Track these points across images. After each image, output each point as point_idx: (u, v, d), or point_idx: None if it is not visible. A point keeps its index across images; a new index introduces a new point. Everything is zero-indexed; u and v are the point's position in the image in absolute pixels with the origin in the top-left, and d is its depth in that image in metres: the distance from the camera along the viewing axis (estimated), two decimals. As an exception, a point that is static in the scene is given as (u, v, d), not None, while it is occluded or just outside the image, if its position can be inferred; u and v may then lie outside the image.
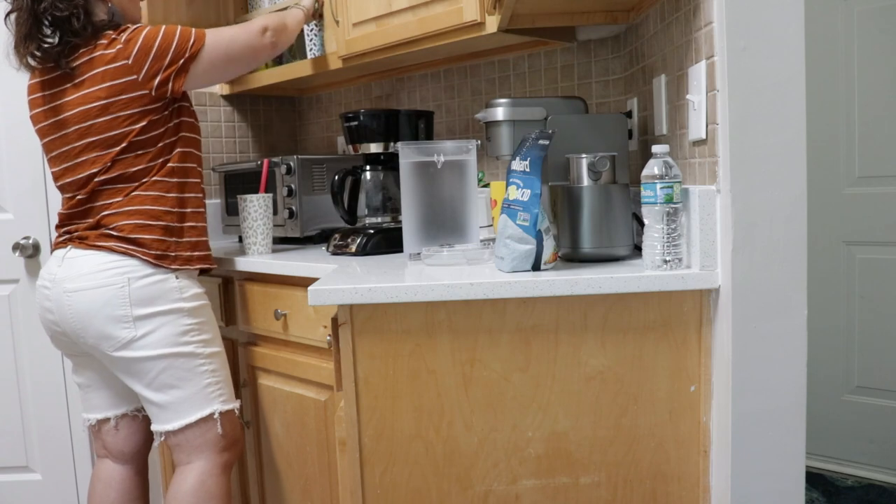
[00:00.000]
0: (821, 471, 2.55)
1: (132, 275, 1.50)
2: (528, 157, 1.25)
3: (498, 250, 1.28)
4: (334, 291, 1.19)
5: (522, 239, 1.24)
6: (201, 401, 1.56)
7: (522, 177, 1.25)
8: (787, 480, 1.17)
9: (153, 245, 1.53)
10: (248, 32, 1.66)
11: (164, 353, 1.52)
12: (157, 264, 1.53)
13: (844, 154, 2.48)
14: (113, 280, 1.49)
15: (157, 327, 1.51)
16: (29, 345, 2.14)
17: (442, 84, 2.25)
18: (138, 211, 1.54)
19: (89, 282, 1.50)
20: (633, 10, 1.61)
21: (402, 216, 1.53)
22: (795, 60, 1.11)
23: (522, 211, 1.24)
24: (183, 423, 1.55)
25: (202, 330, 1.57)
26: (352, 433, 1.23)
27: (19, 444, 2.17)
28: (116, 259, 1.51)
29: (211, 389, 1.57)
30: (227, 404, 1.60)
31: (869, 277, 2.47)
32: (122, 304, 1.49)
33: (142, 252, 1.52)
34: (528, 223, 1.23)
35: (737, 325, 1.14)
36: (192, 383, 1.55)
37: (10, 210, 2.12)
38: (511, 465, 1.23)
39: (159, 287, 1.52)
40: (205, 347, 1.57)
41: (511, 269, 1.25)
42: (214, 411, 1.57)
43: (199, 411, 1.56)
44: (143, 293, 1.50)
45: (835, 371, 2.55)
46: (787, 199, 1.12)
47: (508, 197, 1.27)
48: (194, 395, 1.55)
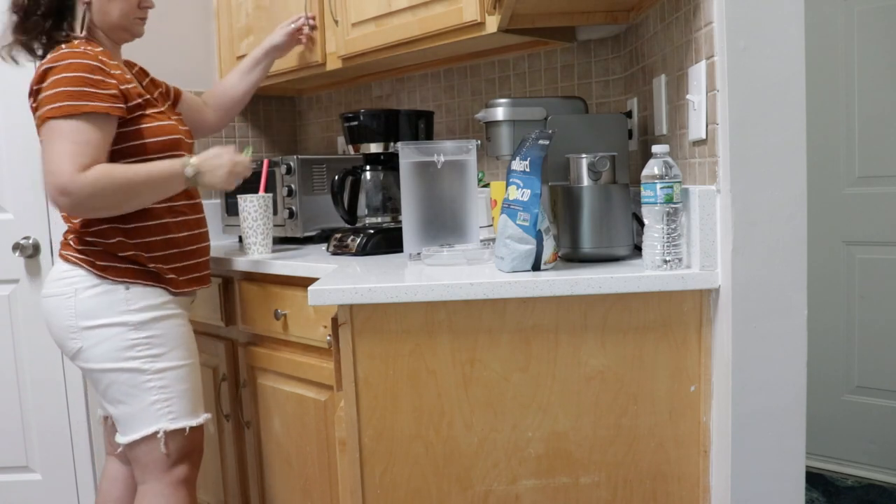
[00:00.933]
0: (821, 471, 2.55)
1: (79, 285, 1.48)
2: (528, 157, 1.25)
3: (498, 250, 1.28)
4: (334, 291, 1.19)
5: (522, 239, 1.24)
6: (146, 418, 1.49)
7: (522, 177, 1.25)
8: (787, 480, 1.17)
9: (99, 256, 1.49)
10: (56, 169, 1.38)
11: (107, 368, 1.48)
12: (101, 275, 1.48)
13: (844, 154, 2.48)
14: (63, 290, 1.49)
15: (100, 340, 1.47)
16: (29, 345, 2.14)
17: (442, 84, 2.25)
18: (93, 220, 1.50)
19: (49, 289, 1.52)
20: (633, 10, 1.61)
21: (402, 216, 1.53)
22: (795, 60, 1.11)
23: (522, 211, 1.24)
24: (129, 438, 1.50)
25: (152, 344, 1.49)
26: (352, 433, 1.23)
27: (19, 444, 2.17)
28: (68, 269, 1.50)
29: (158, 407, 1.49)
30: (175, 422, 1.50)
31: (869, 277, 2.47)
32: (70, 315, 1.48)
33: (88, 263, 1.49)
34: (528, 223, 1.23)
35: (737, 325, 1.14)
36: (138, 399, 1.48)
37: (10, 210, 2.12)
38: (511, 465, 1.23)
39: (104, 299, 1.48)
40: (153, 362, 1.49)
41: (511, 269, 1.25)
42: (159, 430, 1.49)
43: (144, 428, 1.49)
44: (87, 304, 1.47)
45: (835, 371, 2.55)
46: (787, 199, 1.12)
47: (508, 197, 1.27)
48: (140, 411, 1.49)
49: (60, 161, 1.38)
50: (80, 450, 2.17)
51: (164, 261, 1.54)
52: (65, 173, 1.37)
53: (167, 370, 1.50)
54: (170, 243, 1.55)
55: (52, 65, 1.42)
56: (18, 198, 2.12)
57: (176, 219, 1.56)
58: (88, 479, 2.17)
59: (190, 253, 1.59)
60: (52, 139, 1.40)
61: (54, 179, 1.37)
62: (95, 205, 1.42)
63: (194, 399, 1.55)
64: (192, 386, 1.56)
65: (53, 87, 1.40)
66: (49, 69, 1.42)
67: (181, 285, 1.57)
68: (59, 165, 1.38)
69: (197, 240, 1.62)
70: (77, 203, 1.39)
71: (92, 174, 1.39)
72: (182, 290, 1.57)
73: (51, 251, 2.11)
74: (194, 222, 1.62)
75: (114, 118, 1.45)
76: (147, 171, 1.46)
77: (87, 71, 1.42)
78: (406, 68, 2.28)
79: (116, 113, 1.45)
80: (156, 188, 1.49)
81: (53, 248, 2.10)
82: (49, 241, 2.11)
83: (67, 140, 1.39)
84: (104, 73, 1.45)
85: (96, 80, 1.43)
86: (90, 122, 1.41)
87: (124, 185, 1.43)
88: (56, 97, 1.39)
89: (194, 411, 1.55)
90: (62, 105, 1.39)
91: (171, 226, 1.55)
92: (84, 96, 1.40)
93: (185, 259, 1.58)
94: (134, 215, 1.50)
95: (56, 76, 1.41)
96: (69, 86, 1.40)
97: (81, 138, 1.40)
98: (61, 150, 1.38)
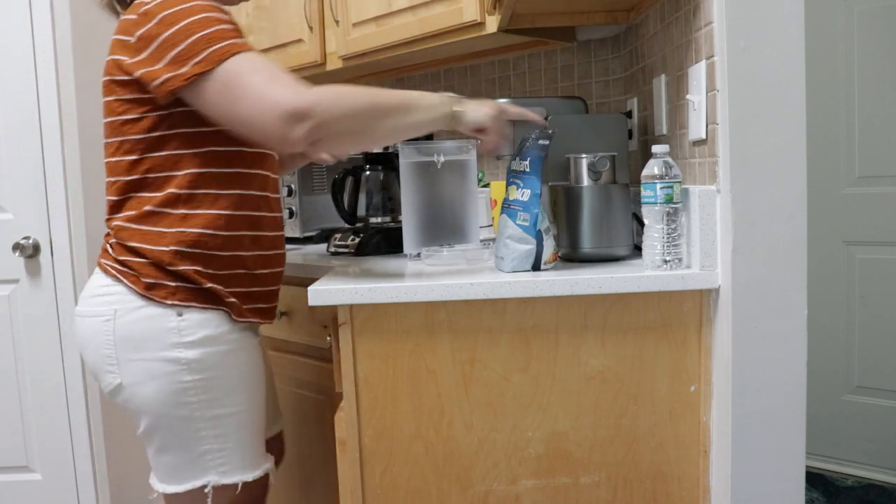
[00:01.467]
0: (821, 471, 2.55)
1: (119, 306, 1.18)
2: (528, 157, 1.25)
3: (498, 250, 1.29)
4: (334, 291, 1.19)
5: (522, 239, 1.24)
6: (193, 469, 1.22)
7: (522, 177, 1.25)
8: (787, 480, 1.17)
9: (144, 268, 1.18)
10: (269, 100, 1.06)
11: (151, 412, 1.19)
12: (146, 295, 1.17)
13: (844, 154, 2.48)
14: (99, 310, 1.20)
15: (144, 379, 1.17)
16: (29, 345, 2.14)
17: (442, 84, 2.25)
18: (143, 215, 1.21)
19: (83, 307, 1.24)
20: (633, 10, 1.61)
21: (402, 216, 1.53)
22: (795, 60, 1.11)
23: (522, 211, 1.24)
24: (170, 489, 1.24)
25: (208, 387, 1.19)
26: (352, 433, 1.23)
27: (19, 444, 2.17)
28: (107, 284, 1.20)
29: (209, 458, 1.21)
30: (226, 476, 1.22)
31: (869, 277, 2.47)
32: (107, 342, 1.18)
33: (131, 277, 1.19)
34: (528, 223, 1.23)
35: (737, 325, 1.14)
36: (185, 449, 1.21)
37: (10, 210, 2.12)
38: (511, 465, 1.23)
39: (150, 326, 1.17)
40: (208, 408, 1.19)
41: (511, 269, 1.25)
42: (207, 484, 1.22)
43: (189, 481, 1.22)
44: (129, 331, 1.17)
45: (835, 371, 2.55)
46: (787, 199, 1.12)
47: (508, 197, 1.27)
48: (185, 462, 1.22)
49: (267, 91, 1.06)
50: (80, 450, 2.17)
51: (225, 281, 1.22)
52: (285, 94, 1.05)
53: (224, 417, 1.22)
54: (238, 261, 1.23)
55: (166, 10, 1.10)
56: (18, 198, 2.12)
57: (252, 232, 1.25)
58: (88, 479, 2.17)
59: (259, 278, 1.28)
60: (227, 94, 1.08)
61: (276, 111, 1.05)
62: (340, 123, 1.09)
63: (253, 449, 1.27)
64: (252, 433, 1.26)
65: (184, 36, 1.08)
66: (160, 15, 1.10)
67: (243, 313, 1.25)
68: (273, 92, 1.06)
69: (269, 262, 1.30)
70: (320, 124, 1.06)
71: (326, 86, 1.09)
72: (245, 319, 1.25)
73: (51, 251, 2.11)
74: (270, 241, 1.30)
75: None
76: (404, 92, 1.19)
77: (213, 10, 1.12)
78: (406, 68, 2.28)
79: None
80: (411, 112, 1.17)
81: (53, 248, 2.10)
82: (49, 241, 2.11)
83: (250, 74, 1.07)
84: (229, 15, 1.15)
85: (230, 20, 1.13)
86: (250, 54, 1.10)
87: (372, 97, 1.13)
88: (195, 46, 1.08)
89: (252, 463, 1.26)
90: (208, 53, 1.08)
91: (244, 241, 1.24)
92: (229, 33, 1.10)
93: (252, 284, 1.26)
94: (198, 219, 1.19)
95: (179, 23, 1.09)
96: (204, 28, 1.09)
97: (264, 64, 1.09)
98: (254, 87, 1.06)
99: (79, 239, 2.10)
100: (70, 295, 2.10)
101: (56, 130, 2.07)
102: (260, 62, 1.09)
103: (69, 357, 2.12)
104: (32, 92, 2.06)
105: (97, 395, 2.13)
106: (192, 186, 1.19)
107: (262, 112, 1.06)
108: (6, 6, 2.04)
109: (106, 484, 2.16)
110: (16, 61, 2.04)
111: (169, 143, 1.17)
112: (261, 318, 1.30)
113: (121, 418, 2.17)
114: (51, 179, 2.09)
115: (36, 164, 2.10)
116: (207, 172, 1.19)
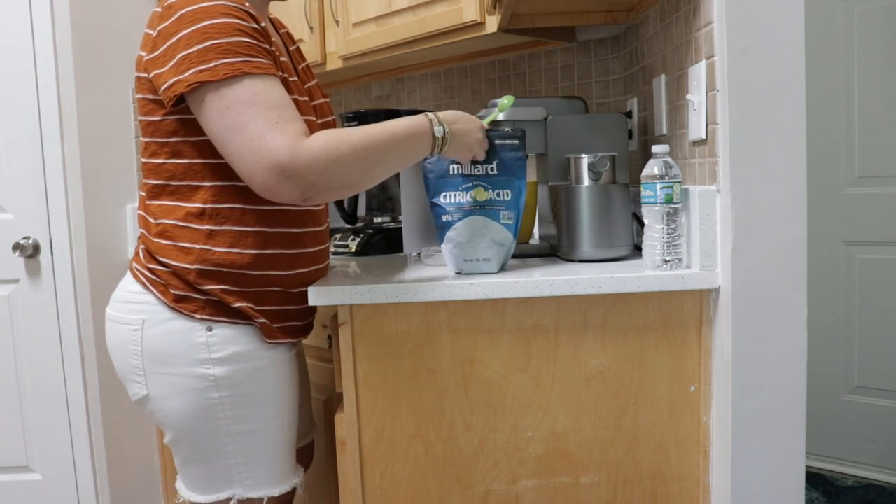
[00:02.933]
0: (821, 471, 2.55)
1: (148, 316, 1.14)
2: (499, 160, 1.25)
3: (482, 252, 1.25)
4: (334, 291, 1.19)
5: (506, 239, 1.26)
6: (219, 480, 1.19)
7: (492, 179, 1.25)
8: (787, 480, 1.17)
9: (174, 281, 1.14)
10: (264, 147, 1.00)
11: (176, 426, 1.17)
12: (175, 308, 1.14)
13: (844, 154, 2.48)
14: (129, 318, 1.16)
15: (172, 393, 1.14)
16: (29, 345, 2.14)
17: (442, 84, 2.25)
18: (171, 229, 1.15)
19: (113, 310, 1.20)
20: (633, 10, 1.61)
21: (402, 216, 1.53)
22: (795, 60, 1.11)
23: (506, 210, 1.25)
24: (195, 499, 1.22)
25: (236, 403, 1.15)
26: (352, 433, 1.23)
27: (19, 444, 2.17)
28: (137, 292, 1.16)
29: (235, 471, 1.19)
30: (251, 490, 1.19)
31: (869, 277, 2.47)
32: (135, 353, 1.15)
33: (160, 288, 1.14)
34: (513, 221, 1.25)
35: (737, 325, 1.14)
36: (212, 462, 1.18)
37: (10, 210, 2.12)
38: (511, 465, 1.23)
39: (179, 340, 1.13)
40: (236, 424, 1.16)
41: (499, 269, 1.26)
42: (232, 497, 1.19)
43: (214, 492, 1.20)
44: (157, 344, 1.14)
45: (835, 371, 2.55)
46: (787, 199, 1.12)
47: (477, 198, 1.24)
48: (210, 474, 1.19)
49: (265, 135, 0.99)
50: (80, 450, 2.17)
51: (257, 299, 1.17)
52: (282, 147, 0.99)
53: (252, 433, 1.18)
54: (271, 280, 1.18)
55: (188, 7, 1.04)
56: (18, 198, 2.12)
57: (291, 251, 1.19)
58: (88, 479, 2.17)
59: (296, 296, 1.22)
60: (229, 117, 1.01)
61: (268, 161, 0.99)
62: (331, 182, 1.03)
63: (281, 464, 1.23)
64: (280, 449, 1.22)
65: (199, 39, 1.02)
66: (181, 11, 1.04)
67: (275, 335, 1.19)
68: (268, 140, 0.99)
69: (309, 279, 1.23)
70: (309, 185, 1.01)
71: (321, 140, 1.02)
72: (275, 341, 1.19)
73: (51, 251, 2.11)
74: (312, 257, 1.23)
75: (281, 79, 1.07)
76: (391, 128, 1.09)
77: (237, 16, 1.04)
78: (406, 68, 2.28)
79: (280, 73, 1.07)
80: (400, 152, 1.11)
81: (53, 248, 2.10)
82: (49, 241, 2.11)
83: (255, 107, 1.01)
84: (256, 22, 1.07)
85: (252, 30, 1.05)
86: (264, 82, 1.03)
87: (364, 150, 1.05)
88: (206, 53, 1.01)
89: (280, 479, 1.23)
90: (217, 65, 1.01)
91: (279, 260, 1.18)
92: (244, 49, 1.03)
93: (288, 302, 1.21)
94: (224, 236, 1.14)
95: (196, 24, 1.02)
96: (220, 36, 1.02)
97: (270, 99, 1.02)
98: (256, 124, 1.00)
99: (79, 239, 2.10)
100: (70, 295, 2.10)
101: (56, 130, 2.07)
102: (269, 95, 1.02)
103: (69, 357, 2.12)
104: (32, 92, 2.06)
105: (97, 395, 2.13)
106: (216, 200, 1.13)
107: (254, 157, 1.00)
108: (6, 6, 2.04)
109: (106, 484, 2.16)
110: (16, 61, 2.04)
111: (188, 150, 1.12)
112: (295, 337, 1.24)
113: (121, 418, 2.17)
114: (51, 179, 2.09)
115: (36, 164, 2.09)
116: (230, 186, 1.13)
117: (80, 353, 2.11)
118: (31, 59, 2.05)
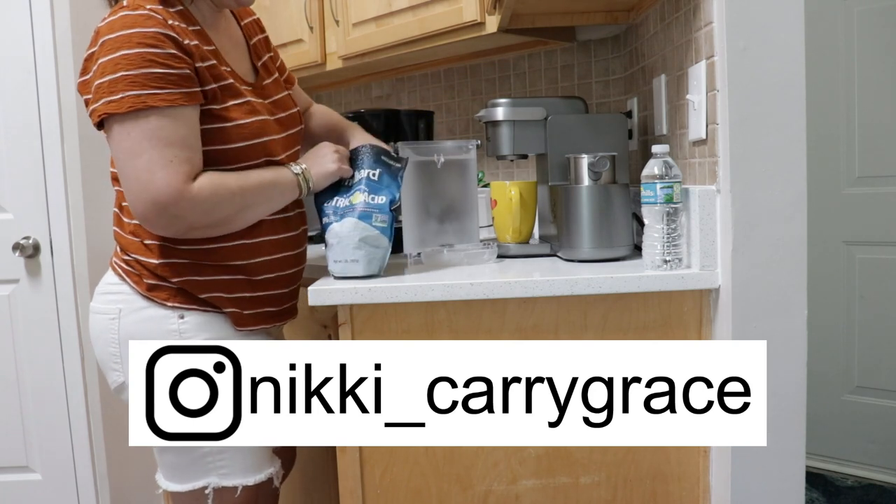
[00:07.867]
0: (821, 471, 2.55)
1: (124, 305, 1.20)
2: (378, 170, 1.29)
3: (350, 253, 1.23)
4: (334, 291, 1.19)
5: (378, 240, 1.25)
6: (194, 470, 1.22)
7: (372, 184, 1.28)
8: (787, 480, 1.17)
9: (146, 272, 1.19)
10: (152, 182, 1.06)
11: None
12: (148, 297, 1.19)
13: (844, 154, 2.48)
14: (107, 308, 1.22)
15: None
16: (29, 345, 2.14)
17: (442, 84, 2.25)
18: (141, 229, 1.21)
19: (95, 303, 1.26)
20: (633, 10, 1.61)
21: (402, 216, 1.53)
22: (795, 60, 1.11)
23: (379, 213, 1.25)
24: (171, 488, 1.25)
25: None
26: (352, 433, 1.23)
27: (19, 444, 2.17)
28: (115, 283, 1.23)
29: (210, 459, 1.21)
30: (226, 479, 1.22)
31: (869, 277, 2.47)
32: (112, 340, 1.20)
33: (134, 277, 1.20)
34: (386, 224, 1.26)
35: (737, 325, 1.13)
36: (186, 451, 1.21)
37: (10, 210, 2.12)
38: (511, 464, 1.23)
39: (151, 327, 1.18)
40: None
41: (366, 273, 1.24)
42: (208, 485, 1.22)
43: (189, 481, 1.23)
44: (132, 331, 1.18)
45: (835, 371, 2.55)
46: (787, 199, 1.12)
47: (352, 201, 1.26)
48: (186, 463, 1.22)
49: (156, 171, 1.06)
50: (80, 450, 2.17)
51: (225, 288, 1.21)
52: (169, 187, 1.06)
53: None
54: (235, 269, 1.21)
55: (108, 35, 1.07)
56: (18, 198, 2.12)
57: (248, 241, 1.22)
58: (88, 479, 2.17)
59: (264, 283, 1.25)
60: (128, 144, 1.08)
61: (152, 197, 1.06)
62: (203, 222, 1.13)
63: (255, 452, 1.25)
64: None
65: (112, 69, 1.06)
66: (103, 38, 1.08)
67: (244, 321, 1.23)
68: (158, 178, 1.06)
69: (276, 266, 1.27)
70: (188, 225, 1.11)
71: (206, 186, 1.10)
72: (247, 328, 1.24)
73: (51, 251, 2.11)
74: (276, 245, 1.26)
75: (194, 106, 1.12)
76: (258, 176, 1.18)
77: (152, 45, 1.06)
78: (406, 68, 2.28)
79: (195, 101, 1.11)
80: (270, 197, 1.21)
81: (53, 248, 2.10)
82: (49, 241, 2.11)
83: (154, 141, 1.07)
84: (175, 44, 1.09)
85: (165, 57, 1.07)
86: (168, 116, 1.08)
87: (238, 196, 1.14)
88: (115, 84, 1.06)
89: (255, 467, 1.25)
90: (124, 97, 1.05)
91: (240, 250, 1.22)
92: (152, 81, 1.06)
93: (257, 289, 1.24)
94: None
95: (112, 53, 1.06)
96: (130, 68, 1.05)
97: (170, 136, 1.07)
98: (151, 158, 1.06)
99: (79, 239, 2.10)
100: (70, 295, 2.10)
101: (56, 130, 2.07)
102: (169, 131, 1.07)
103: (69, 357, 2.12)
104: (32, 92, 2.06)
105: (97, 395, 2.13)
106: None
107: (140, 189, 1.07)
108: (6, 6, 2.04)
109: (106, 484, 2.16)
110: (16, 61, 2.04)
111: None
112: (269, 323, 1.27)
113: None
114: (51, 179, 2.09)
115: (36, 164, 2.09)
116: None
117: (80, 353, 2.11)
118: (31, 59, 2.05)
